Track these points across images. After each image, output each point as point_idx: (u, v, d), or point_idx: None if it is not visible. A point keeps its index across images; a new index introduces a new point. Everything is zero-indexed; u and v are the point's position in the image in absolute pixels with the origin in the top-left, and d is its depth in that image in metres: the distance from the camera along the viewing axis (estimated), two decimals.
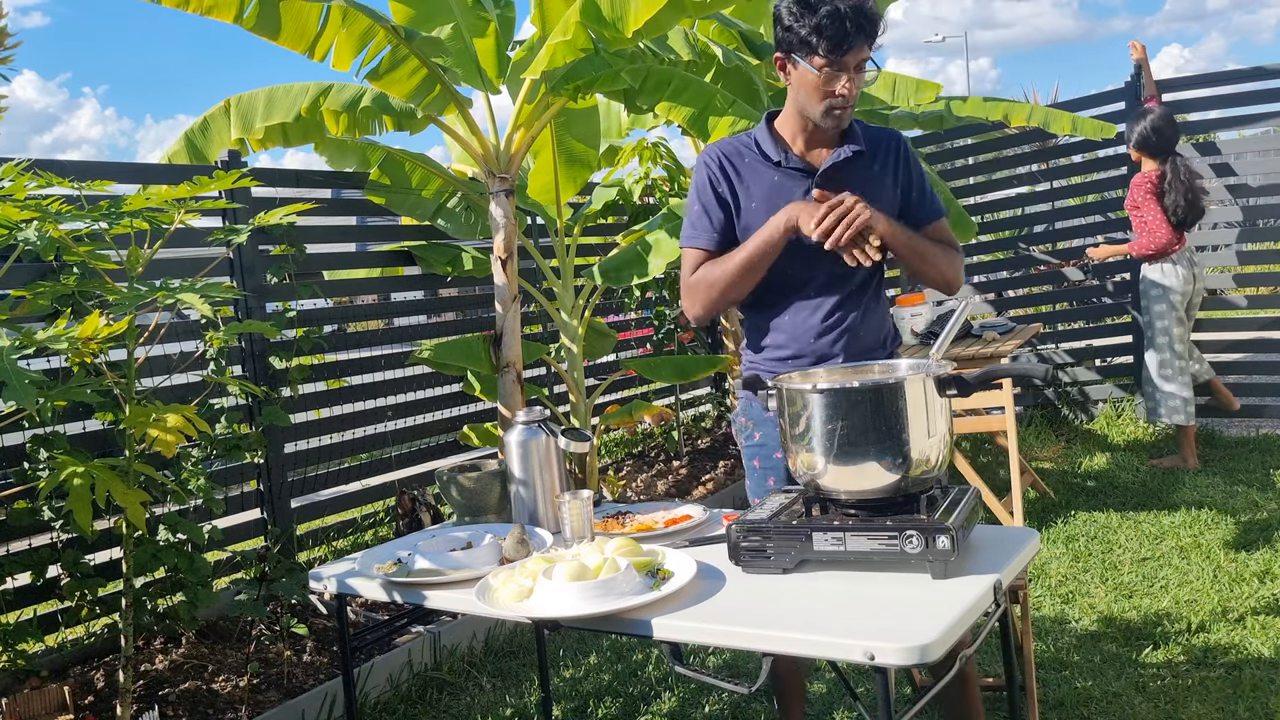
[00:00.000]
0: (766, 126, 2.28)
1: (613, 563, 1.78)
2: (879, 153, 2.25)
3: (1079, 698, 2.94)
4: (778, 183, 2.23)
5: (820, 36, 2.05)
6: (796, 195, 2.19)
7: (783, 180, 2.23)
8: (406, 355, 4.64)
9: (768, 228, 2.16)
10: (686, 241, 2.30)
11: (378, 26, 3.61)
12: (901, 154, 2.27)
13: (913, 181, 2.28)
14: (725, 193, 2.25)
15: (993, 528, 2.02)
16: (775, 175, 2.23)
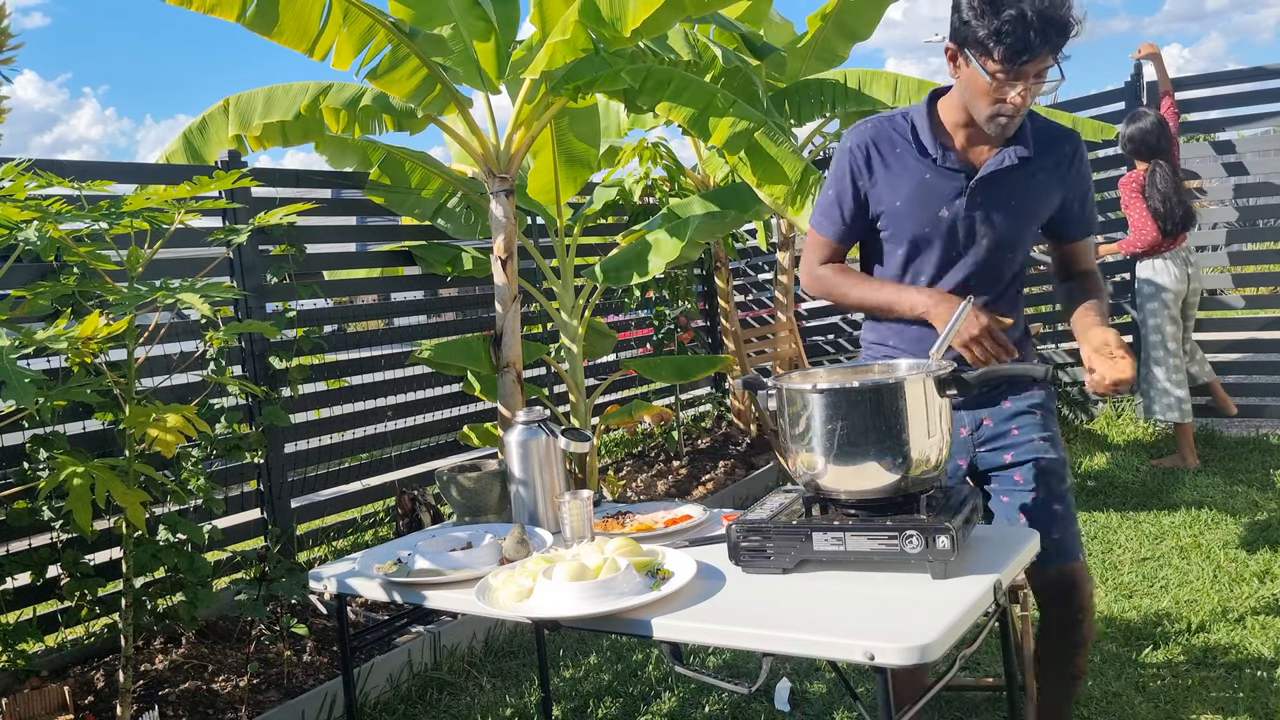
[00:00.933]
0: (928, 110, 2.12)
1: (613, 563, 1.78)
2: (1048, 156, 2.10)
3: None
4: (928, 181, 2.10)
5: (999, 42, 1.87)
6: (947, 195, 2.08)
7: (935, 179, 2.09)
8: (406, 355, 4.64)
9: (898, 300, 2.10)
10: (815, 226, 2.24)
11: (378, 26, 3.62)
12: (1074, 161, 2.12)
13: (1076, 193, 2.14)
14: (865, 187, 2.14)
15: (993, 528, 2.02)
16: (927, 173, 2.10)
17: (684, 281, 6.19)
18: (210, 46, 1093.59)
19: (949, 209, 2.09)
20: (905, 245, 2.15)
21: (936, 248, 2.12)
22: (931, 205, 2.09)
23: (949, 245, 2.11)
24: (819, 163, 7.30)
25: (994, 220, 2.09)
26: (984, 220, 2.10)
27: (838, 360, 7.31)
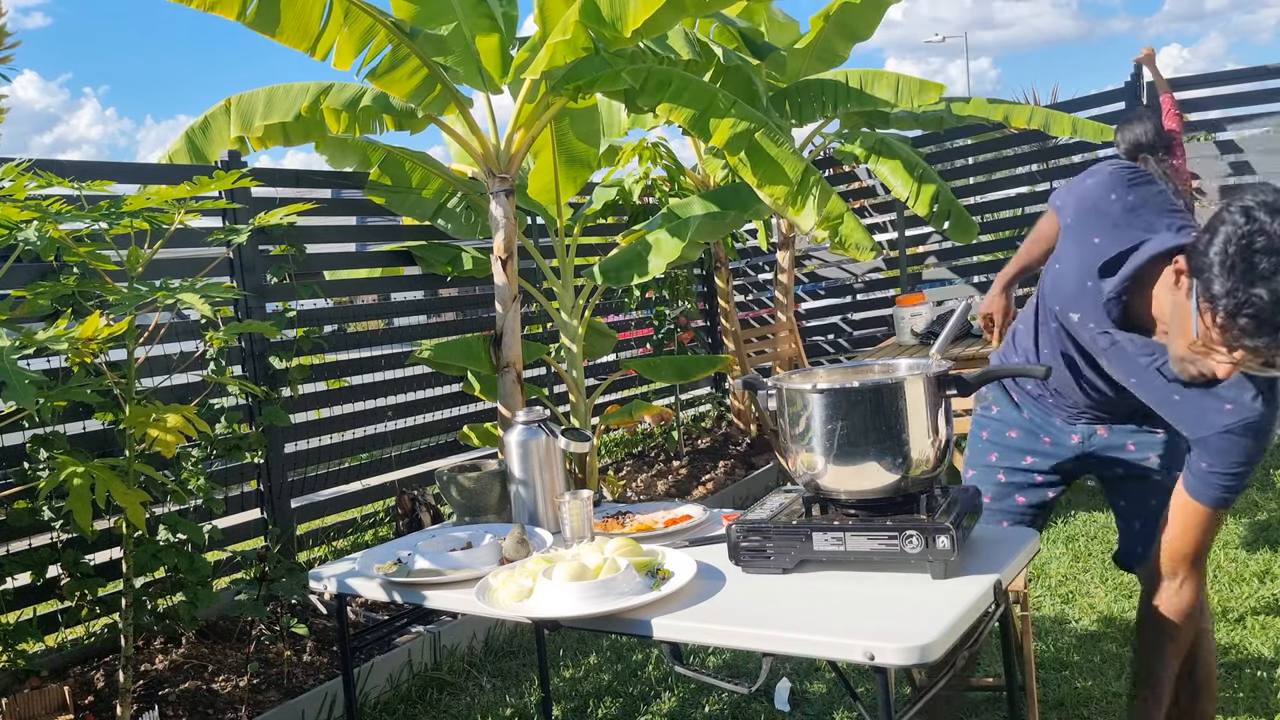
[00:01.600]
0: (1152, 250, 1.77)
1: (613, 563, 1.78)
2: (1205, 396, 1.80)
3: (1079, 698, 2.94)
4: (1089, 288, 1.89)
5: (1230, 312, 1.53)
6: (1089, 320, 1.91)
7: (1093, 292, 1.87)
8: (406, 355, 4.64)
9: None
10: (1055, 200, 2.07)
11: (379, 25, 3.62)
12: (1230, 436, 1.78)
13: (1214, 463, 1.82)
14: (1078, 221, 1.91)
15: (993, 528, 2.02)
16: (1090, 281, 1.88)
17: (684, 281, 6.19)
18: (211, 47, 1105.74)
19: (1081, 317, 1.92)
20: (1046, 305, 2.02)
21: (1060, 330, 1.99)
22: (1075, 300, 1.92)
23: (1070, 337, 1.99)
24: (819, 163, 7.30)
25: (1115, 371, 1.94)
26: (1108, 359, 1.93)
27: (837, 360, 7.31)
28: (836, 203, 3.95)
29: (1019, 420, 2.21)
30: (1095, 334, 1.91)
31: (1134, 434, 2.11)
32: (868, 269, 7.50)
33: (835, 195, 3.97)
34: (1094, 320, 1.90)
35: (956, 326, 2.19)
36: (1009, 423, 2.24)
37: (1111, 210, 1.85)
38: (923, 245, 7.17)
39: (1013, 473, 2.21)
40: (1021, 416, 2.21)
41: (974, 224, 5.96)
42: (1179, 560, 1.96)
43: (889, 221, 7.25)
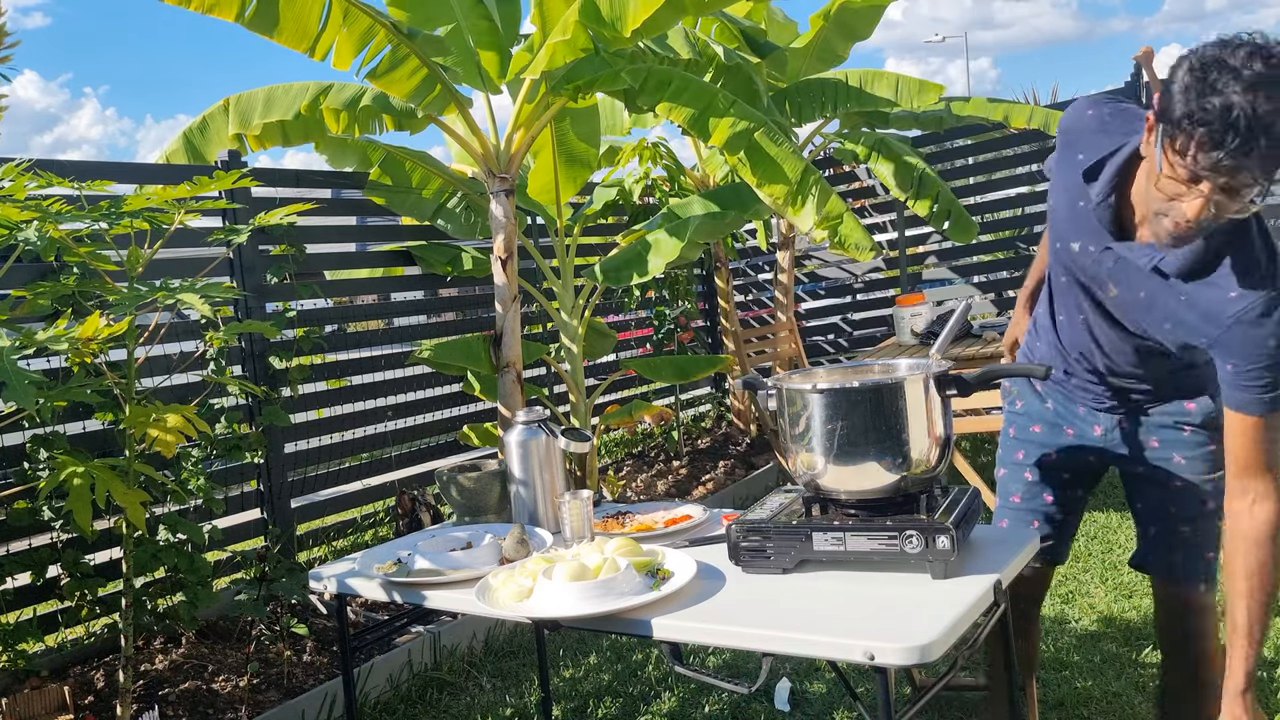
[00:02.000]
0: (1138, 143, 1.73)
1: (613, 563, 1.78)
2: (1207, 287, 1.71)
3: (1079, 698, 2.94)
4: (1080, 210, 1.87)
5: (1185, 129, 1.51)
6: (1089, 244, 1.86)
7: (1085, 214, 1.85)
8: (406, 355, 4.65)
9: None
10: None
11: (378, 26, 3.62)
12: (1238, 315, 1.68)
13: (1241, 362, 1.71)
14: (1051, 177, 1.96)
15: (993, 528, 2.02)
16: (1082, 201, 1.86)
17: (684, 281, 6.19)
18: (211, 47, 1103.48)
19: (1081, 245, 1.87)
20: (1058, 262, 1.99)
21: (1080, 278, 1.94)
22: (1071, 231, 1.89)
23: (1086, 281, 1.92)
24: (819, 163, 7.31)
25: (1124, 294, 1.83)
26: (1115, 283, 1.85)
27: (837, 360, 7.31)
28: (836, 203, 3.95)
29: (1043, 413, 2.17)
30: (1097, 257, 1.85)
31: (1159, 430, 2.01)
32: (868, 269, 7.51)
33: (835, 195, 3.97)
34: (1092, 241, 1.85)
35: (956, 326, 2.19)
36: (1033, 417, 2.19)
37: (1090, 123, 1.86)
38: (923, 245, 7.17)
39: (1039, 470, 2.17)
40: (1045, 408, 2.16)
41: (974, 224, 5.97)
42: (1243, 474, 1.75)
43: (889, 221, 7.25)
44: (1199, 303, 1.73)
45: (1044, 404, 2.17)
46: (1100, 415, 2.09)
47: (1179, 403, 2.00)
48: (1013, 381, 2.23)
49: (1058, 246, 1.96)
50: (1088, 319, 1.99)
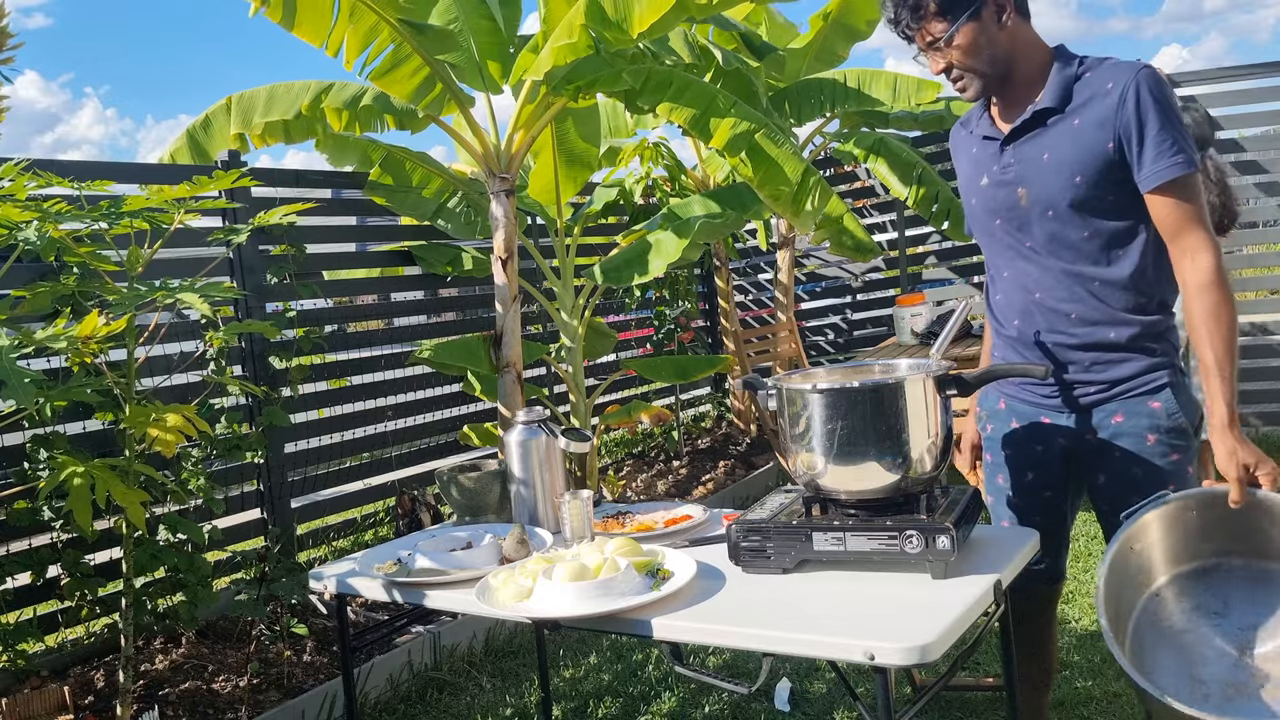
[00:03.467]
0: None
1: (613, 563, 1.78)
2: (1088, 102, 1.88)
3: (1079, 698, 2.94)
4: (975, 155, 2.07)
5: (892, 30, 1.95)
6: (991, 166, 2.01)
7: (979, 152, 2.05)
8: (406, 355, 4.64)
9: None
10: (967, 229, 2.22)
11: (382, 23, 3.61)
12: (1119, 97, 1.84)
13: (1132, 130, 1.83)
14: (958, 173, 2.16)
15: (993, 528, 2.02)
16: (974, 147, 2.08)
17: (684, 281, 6.19)
18: (211, 47, 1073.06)
19: (989, 175, 2.02)
20: (979, 222, 2.09)
21: (1000, 228, 2.02)
22: (977, 176, 2.04)
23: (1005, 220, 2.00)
24: (819, 163, 7.30)
25: (1033, 180, 1.94)
26: (1022, 182, 1.96)
27: (837, 360, 7.31)
28: (836, 203, 3.95)
29: (1011, 435, 2.14)
30: (1001, 169, 1.98)
31: (1121, 438, 1.97)
32: (867, 269, 7.50)
33: (835, 195, 3.98)
34: (992, 160, 2.00)
35: (956, 326, 2.19)
36: (1001, 441, 2.17)
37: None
38: (923, 245, 7.17)
39: (1020, 492, 2.15)
40: (1011, 427, 2.13)
41: None
42: (1178, 238, 1.84)
43: (889, 221, 7.25)
44: (1095, 107, 1.87)
45: (1009, 424, 2.13)
46: (1063, 422, 2.03)
47: (1142, 401, 1.94)
48: (981, 406, 2.22)
49: (973, 203, 2.07)
50: (1019, 270, 2.02)
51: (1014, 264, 2.03)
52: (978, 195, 2.06)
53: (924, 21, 1.89)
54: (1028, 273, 2.01)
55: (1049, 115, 1.92)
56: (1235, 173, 5.82)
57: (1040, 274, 1.99)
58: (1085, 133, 1.88)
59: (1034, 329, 2.02)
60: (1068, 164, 1.90)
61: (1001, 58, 1.92)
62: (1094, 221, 1.91)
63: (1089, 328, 1.96)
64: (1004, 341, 2.12)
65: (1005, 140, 1.98)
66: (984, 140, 2.03)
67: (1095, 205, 1.90)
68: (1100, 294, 1.94)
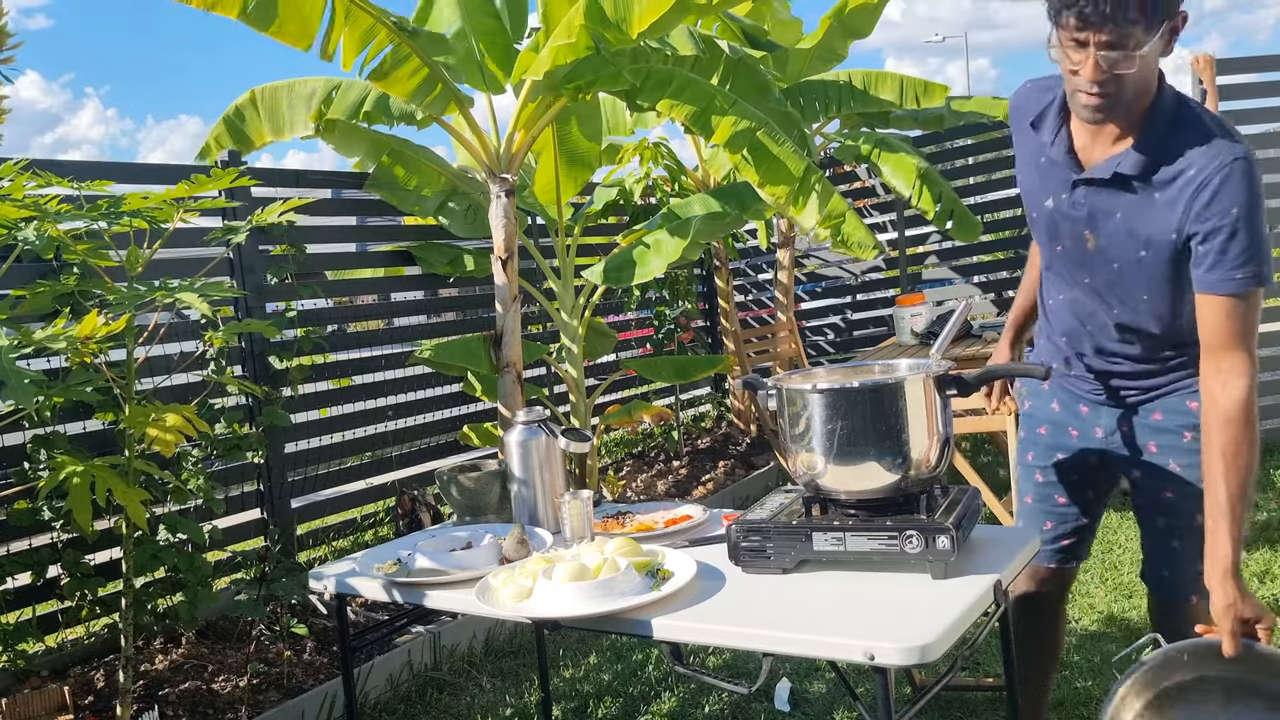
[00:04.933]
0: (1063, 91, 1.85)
1: (613, 563, 1.78)
2: (1176, 179, 1.74)
3: (1079, 698, 2.94)
4: (1043, 166, 1.92)
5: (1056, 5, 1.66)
6: (1060, 193, 1.89)
7: (1048, 166, 1.91)
8: (407, 355, 4.64)
9: None
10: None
11: (379, 25, 3.61)
12: (1208, 191, 1.70)
13: (1207, 234, 1.71)
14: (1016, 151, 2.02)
15: (993, 528, 2.02)
16: (1042, 156, 1.92)
17: (684, 281, 6.19)
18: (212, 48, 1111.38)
19: (1056, 200, 1.91)
20: (1040, 234, 1.99)
21: (1061, 256, 1.95)
22: (1043, 192, 1.93)
23: (1068, 250, 1.93)
24: (819, 163, 7.30)
25: (1101, 230, 1.85)
26: (1091, 227, 1.86)
27: (837, 360, 7.31)
28: (838, 201, 3.94)
29: (1049, 414, 2.16)
30: (1070, 203, 1.87)
31: (1159, 434, 1.98)
32: (867, 269, 7.50)
33: (837, 194, 3.97)
34: (1062, 188, 1.89)
35: (956, 326, 2.19)
36: (1039, 418, 2.19)
37: (1031, 91, 1.97)
38: (923, 245, 7.17)
39: (1048, 471, 2.17)
40: (1051, 409, 2.16)
41: (977, 223, 5.95)
42: (1214, 354, 1.75)
43: (889, 221, 7.25)
44: (1181, 191, 1.73)
45: (1050, 404, 2.17)
46: (1102, 414, 2.07)
47: (1181, 400, 1.96)
48: (1022, 382, 2.25)
49: (1034, 216, 1.98)
50: (1073, 298, 2.00)
51: (1072, 291, 2.00)
52: (1040, 211, 1.96)
53: (1129, 13, 1.61)
54: (1082, 304, 1.99)
55: (1138, 180, 1.78)
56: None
57: (1095, 310, 1.97)
58: (1164, 216, 1.76)
59: (1080, 350, 2.05)
60: (1138, 235, 1.80)
61: (1144, 90, 1.74)
62: (1158, 284, 1.84)
63: (1136, 364, 1.99)
64: (1050, 345, 2.13)
65: (1075, 184, 1.86)
66: (1055, 163, 1.89)
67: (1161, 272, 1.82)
68: (1149, 345, 1.95)
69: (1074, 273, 1.96)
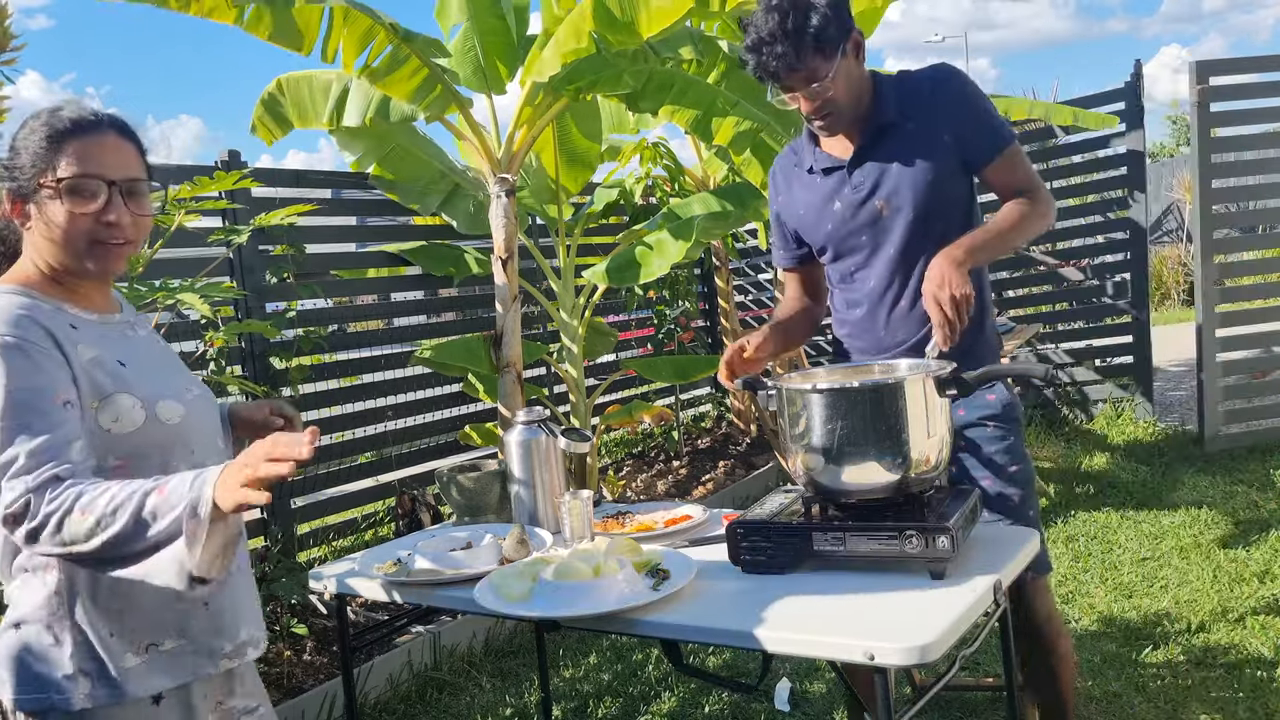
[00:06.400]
0: (806, 129, 2.18)
1: (613, 563, 1.78)
2: (915, 108, 2.05)
3: (1079, 698, 2.94)
4: (819, 185, 2.16)
5: (753, 69, 2.00)
6: (841, 192, 2.11)
7: (821, 185, 2.15)
8: (407, 355, 4.64)
9: None
10: (775, 261, 2.36)
11: (378, 27, 3.61)
12: (943, 96, 2.04)
13: (961, 119, 2.04)
14: (780, 210, 2.26)
15: (993, 528, 2.02)
16: (815, 180, 2.16)
17: (684, 281, 6.19)
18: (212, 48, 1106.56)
19: (840, 199, 2.11)
20: (829, 251, 2.18)
21: (858, 242, 2.12)
22: (827, 210, 2.13)
23: (865, 233, 2.11)
24: None
25: (885, 189, 2.07)
26: (877, 194, 2.08)
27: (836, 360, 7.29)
28: None
29: None
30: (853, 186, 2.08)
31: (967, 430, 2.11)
32: None
33: None
34: (840, 183, 2.10)
35: None
36: None
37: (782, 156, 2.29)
38: None
39: None
40: None
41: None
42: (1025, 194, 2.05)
43: None
44: (928, 111, 2.04)
45: None
46: None
47: (981, 393, 2.09)
48: None
49: (822, 245, 2.18)
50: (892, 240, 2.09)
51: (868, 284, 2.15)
52: (824, 232, 2.16)
53: (805, 59, 1.92)
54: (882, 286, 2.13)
55: (892, 129, 2.06)
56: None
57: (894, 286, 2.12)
58: (929, 135, 2.04)
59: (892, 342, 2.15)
60: (916, 167, 2.04)
61: (858, 93, 2.04)
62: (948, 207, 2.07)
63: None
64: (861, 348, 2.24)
65: (851, 167, 2.09)
66: (823, 173, 2.13)
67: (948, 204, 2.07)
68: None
69: (871, 259, 2.12)
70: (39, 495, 1.29)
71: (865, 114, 2.07)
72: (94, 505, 1.27)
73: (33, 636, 1.42)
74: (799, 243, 2.26)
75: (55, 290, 1.49)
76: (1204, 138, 5.48)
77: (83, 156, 1.45)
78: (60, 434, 1.34)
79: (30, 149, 1.46)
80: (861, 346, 2.21)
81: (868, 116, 2.07)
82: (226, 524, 1.29)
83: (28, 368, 1.36)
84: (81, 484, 1.30)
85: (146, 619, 1.46)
